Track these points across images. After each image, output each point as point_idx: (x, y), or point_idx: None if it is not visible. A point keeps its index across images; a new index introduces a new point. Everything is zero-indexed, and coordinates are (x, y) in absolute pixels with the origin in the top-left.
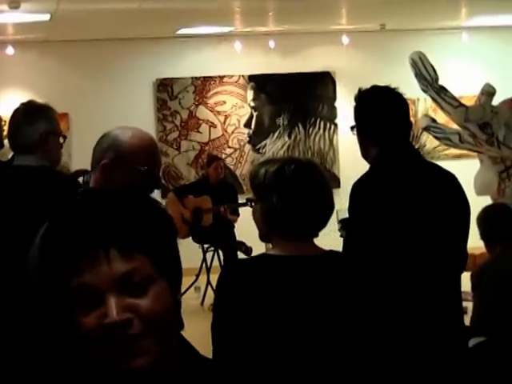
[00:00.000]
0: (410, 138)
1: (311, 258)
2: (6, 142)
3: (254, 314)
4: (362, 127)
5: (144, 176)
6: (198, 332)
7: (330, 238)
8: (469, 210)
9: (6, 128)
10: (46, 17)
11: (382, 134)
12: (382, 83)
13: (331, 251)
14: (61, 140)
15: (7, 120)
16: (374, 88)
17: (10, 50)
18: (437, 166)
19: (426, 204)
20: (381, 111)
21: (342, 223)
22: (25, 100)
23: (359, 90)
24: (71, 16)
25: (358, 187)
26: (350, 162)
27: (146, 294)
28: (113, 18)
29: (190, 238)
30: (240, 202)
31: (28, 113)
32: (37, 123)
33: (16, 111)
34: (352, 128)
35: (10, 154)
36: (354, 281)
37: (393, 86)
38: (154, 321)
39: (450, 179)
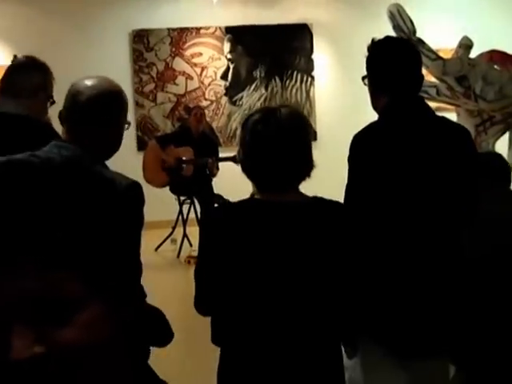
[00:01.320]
0: None
1: (293, 204)
2: None
3: (235, 254)
4: (374, 76)
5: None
6: (174, 284)
7: None
8: (477, 164)
9: None
10: None
11: (393, 83)
12: (359, 36)
13: (315, 197)
14: (48, 104)
15: None
16: (387, 38)
17: None
18: (447, 119)
19: (431, 156)
20: (393, 60)
21: None
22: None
23: (372, 40)
24: None
25: (363, 136)
26: (327, 114)
27: (69, 322)
28: None
29: (168, 189)
30: (220, 155)
31: (27, 64)
32: (32, 74)
33: (17, 60)
34: (363, 78)
35: None
36: (339, 226)
37: (370, 38)
38: (80, 357)
39: (460, 133)
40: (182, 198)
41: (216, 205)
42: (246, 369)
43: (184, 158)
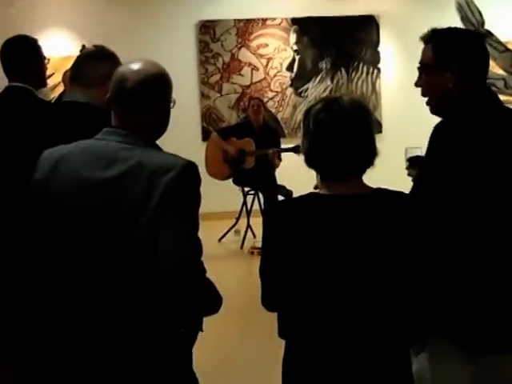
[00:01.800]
0: None
1: (356, 196)
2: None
3: (299, 250)
4: (463, 65)
5: None
6: (237, 275)
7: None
8: None
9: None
10: None
11: (479, 73)
12: (427, 28)
13: (379, 189)
14: None
15: (50, 60)
16: (457, 29)
17: None
18: None
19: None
20: (480, 48)
21: (410, 162)
22: (66, 40)
23: (435, 30)
24: None
25: (449, 127)
26: (393, 107)
27: None
28: None
29: (231, 180)
30: (283, 146)
31: (97, 53)
32: (102, 64)
33: (86, 49)
34: (422, 69)
35: (52, 95)
36: (404, 217)
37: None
38: None
39: None
40: (246, 189)
41: (279, 195)
42: (312, 362)
43: (245, 150)
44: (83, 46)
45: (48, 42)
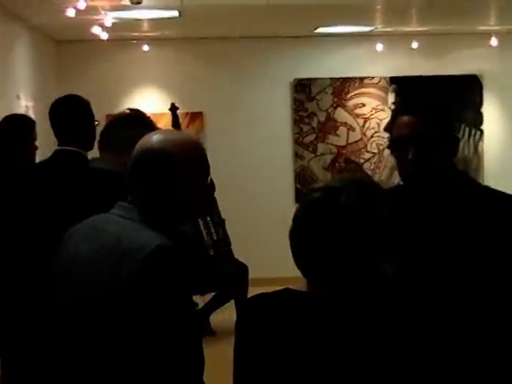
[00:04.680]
0: None
1: (333, 295)
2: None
3: (272, 352)
4: None
5: None
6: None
7: None
8: None
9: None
10: (175, 13)
11: None
12: None
13: None
14: None
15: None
16: None
17: (145, 47)
18: None
19: None
20: None
21: None
22: (159, 98)
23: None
24: (201, 12)
25: None
26: (496, 170)
27: None
28: (245, 15)
29: None
30: None
31: (129, 118)
32: (132, 129)
33: (118, 113)
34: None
35: None
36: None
37: None
38: None
39: None
40: None
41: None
42: None
43: None
44: (172, 104)
45: (139, 99)
